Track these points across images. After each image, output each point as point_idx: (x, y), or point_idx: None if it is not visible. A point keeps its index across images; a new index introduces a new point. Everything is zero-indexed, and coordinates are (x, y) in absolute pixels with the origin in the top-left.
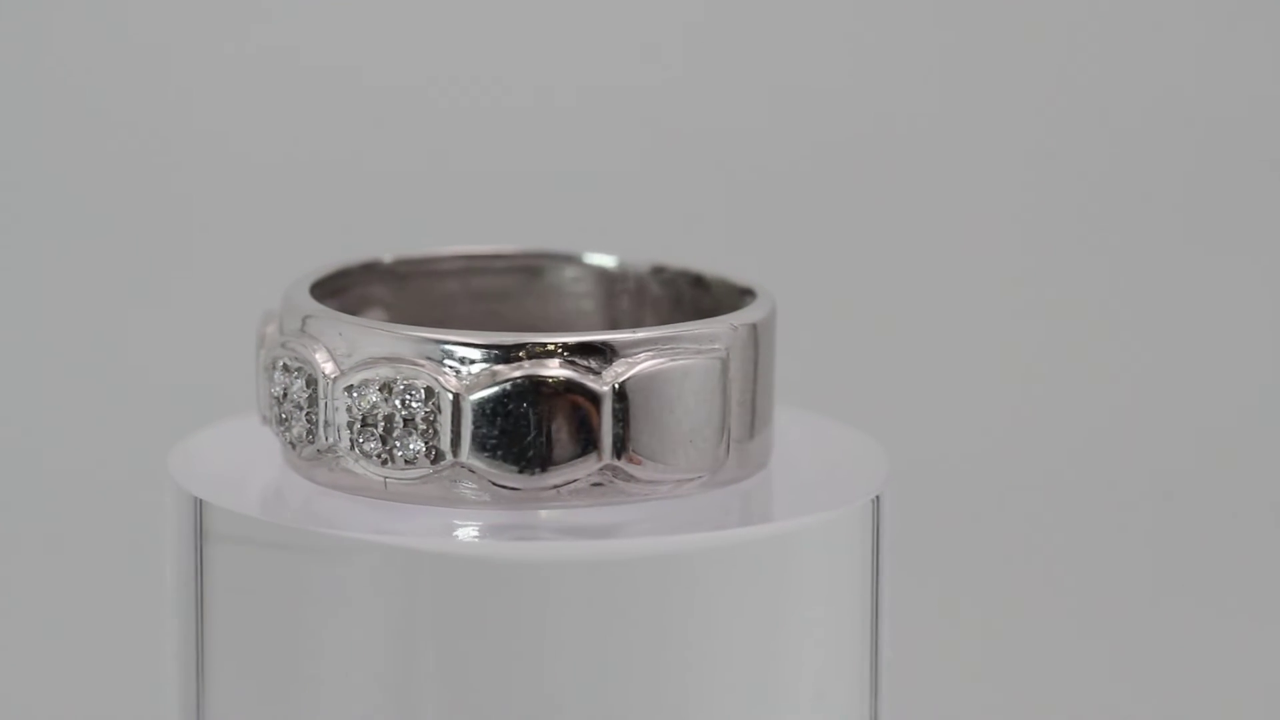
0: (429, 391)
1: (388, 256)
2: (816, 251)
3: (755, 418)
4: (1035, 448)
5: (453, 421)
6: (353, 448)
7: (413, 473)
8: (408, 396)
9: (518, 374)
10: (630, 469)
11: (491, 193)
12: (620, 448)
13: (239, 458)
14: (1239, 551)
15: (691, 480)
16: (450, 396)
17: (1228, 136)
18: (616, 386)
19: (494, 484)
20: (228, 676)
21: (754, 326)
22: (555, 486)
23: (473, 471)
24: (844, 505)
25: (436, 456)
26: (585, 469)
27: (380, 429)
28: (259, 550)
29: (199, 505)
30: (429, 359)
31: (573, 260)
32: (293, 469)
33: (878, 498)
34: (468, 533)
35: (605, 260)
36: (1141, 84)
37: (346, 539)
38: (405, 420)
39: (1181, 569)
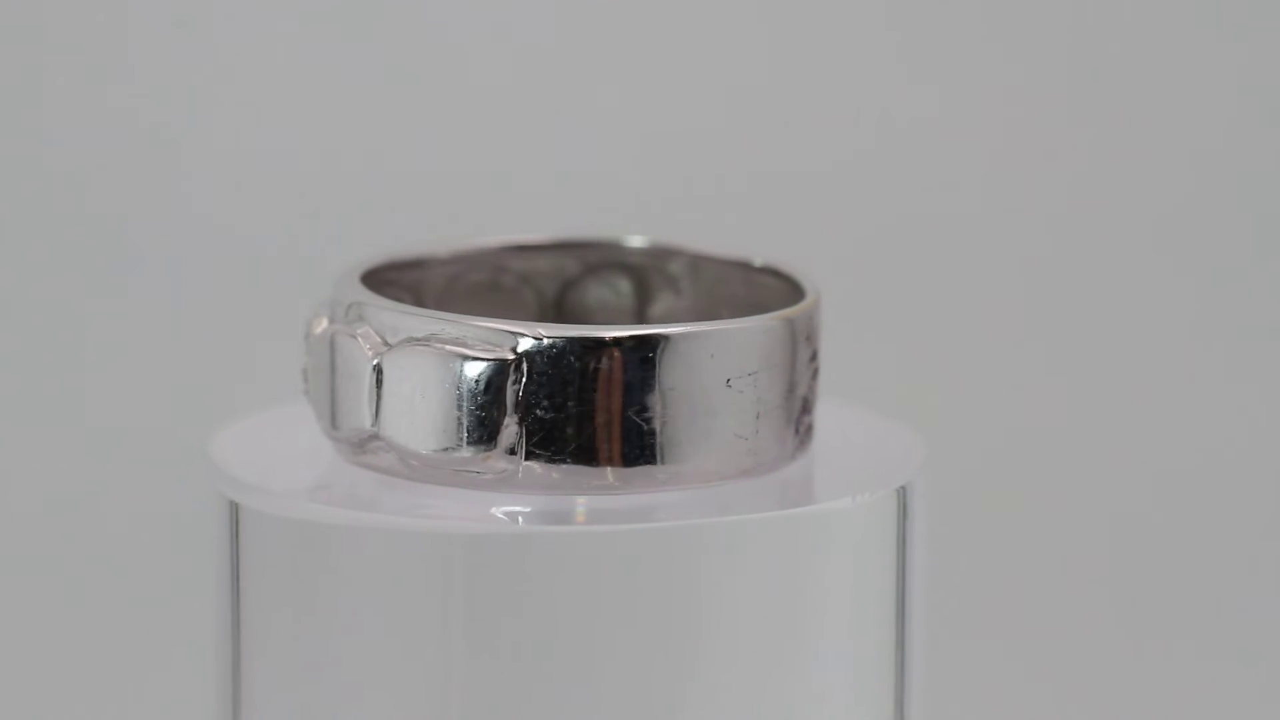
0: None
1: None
2: (860, 243)
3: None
4: (1076, 442)
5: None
6: None
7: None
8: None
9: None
10: (386, 437)
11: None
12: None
13: (281, 446)
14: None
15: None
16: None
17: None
18: (377, 364)
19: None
20: (265, 662)
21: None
22: (354, 443)
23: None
24: (869, 492)
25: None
26: (360, 434)
27: None
28: (295, 535)
29: (234, 506)
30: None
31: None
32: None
33: (904, 487)
34: (507, 515)
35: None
36: (1190, 81)
37: (380, 523)
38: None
39: (1224, 564)
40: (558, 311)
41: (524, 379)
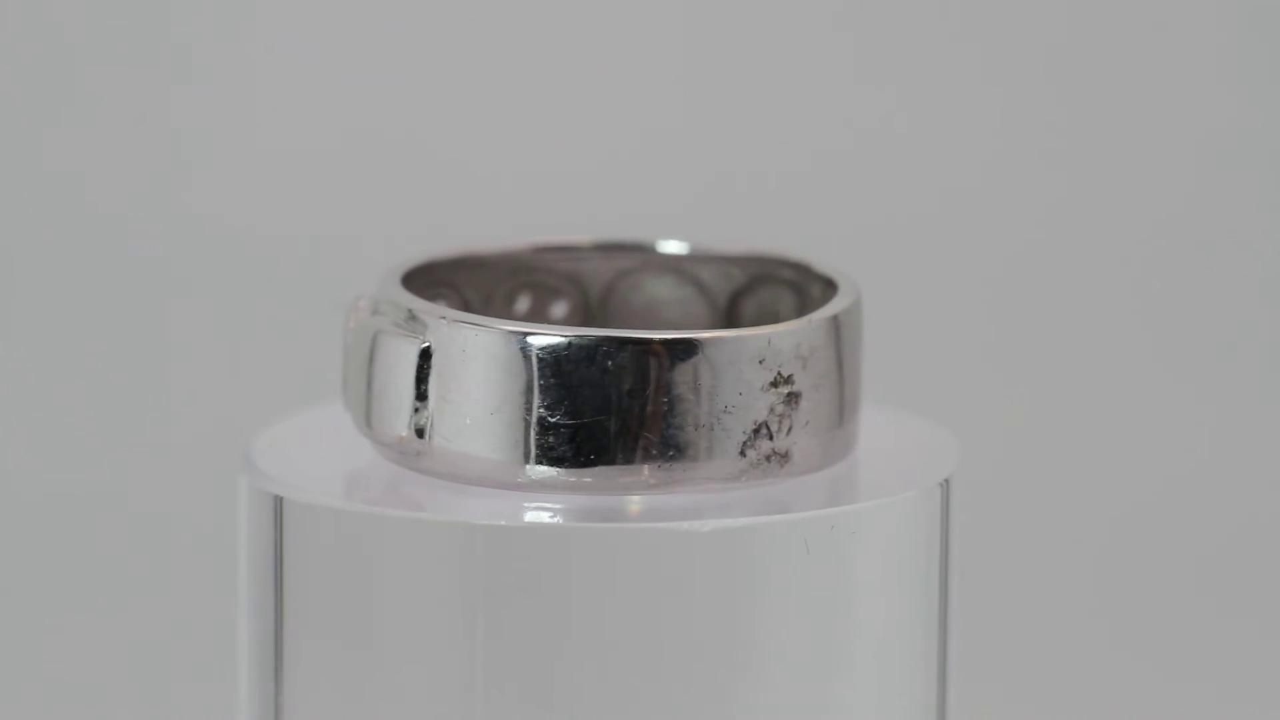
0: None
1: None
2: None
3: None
4: (1117, 445)
5: None
6: None
7: None
8: None
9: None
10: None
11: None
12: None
13: (323, 447)
14: None
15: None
16: None
17: None
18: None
19: None
20: (305, 662)
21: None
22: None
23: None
24: (900, 494)
25: None
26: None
27: None
28: (335, 533)
29: (278, 502)
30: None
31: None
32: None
33: (946, 480)
34: (540, 514)
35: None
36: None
37: (417, 520)
38: None
39: (1262, 573)
40: (728, 316)
41: (430, 364)
